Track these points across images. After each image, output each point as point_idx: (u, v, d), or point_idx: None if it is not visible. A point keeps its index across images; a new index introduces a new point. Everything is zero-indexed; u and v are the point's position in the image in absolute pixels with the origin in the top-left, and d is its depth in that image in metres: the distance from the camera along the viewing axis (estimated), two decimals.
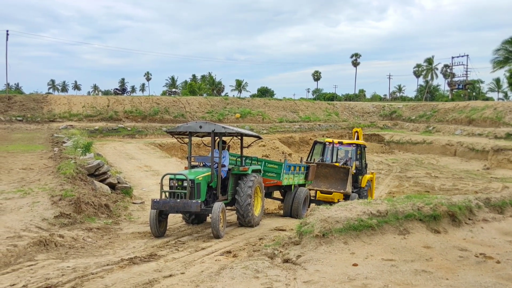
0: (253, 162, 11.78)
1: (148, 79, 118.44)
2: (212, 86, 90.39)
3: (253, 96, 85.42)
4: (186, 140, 10.52)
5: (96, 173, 13.15)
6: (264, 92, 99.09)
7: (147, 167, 20.12)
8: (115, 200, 11.98)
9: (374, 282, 4.94)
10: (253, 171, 10.61)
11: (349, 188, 14.60)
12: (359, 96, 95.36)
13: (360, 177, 16.09)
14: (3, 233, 7.62)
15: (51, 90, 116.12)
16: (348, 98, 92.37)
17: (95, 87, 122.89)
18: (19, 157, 18.26)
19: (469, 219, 7.33)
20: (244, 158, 11.51)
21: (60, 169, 12.87)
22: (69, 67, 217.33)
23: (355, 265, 5.43)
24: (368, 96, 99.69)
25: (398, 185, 23.64)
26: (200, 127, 9.60)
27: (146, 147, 28.59)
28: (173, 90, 78.96)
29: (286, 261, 5.95)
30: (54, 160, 16.38)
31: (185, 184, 8.88)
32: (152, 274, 6.06)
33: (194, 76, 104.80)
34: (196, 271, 6.20)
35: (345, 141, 17.50)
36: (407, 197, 8.03)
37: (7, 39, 50.79)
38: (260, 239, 8.87)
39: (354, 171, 15.83)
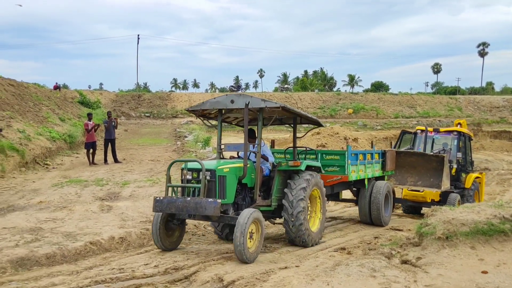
0: (308, 156, 9.28)
1: (261, 76, 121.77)
2: (323, 81, 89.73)
3: (366, 91, 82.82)
4: (215, 122, 8.03)
5: None
6: (378, 87, 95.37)
7: None
8: None
9: None
10: (308, 167, 7.83)
11: (445, 182, 11.00)
12: (487, 89, 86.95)
13: (463, 174, 12.53)
14: (137, 217, 8.49)
15: (173, 88, 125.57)
16: (473, 91, 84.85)
17: (212, 85, 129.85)
18: (148, 149, 20.16)
19: None
20: (297, 151, 8.78)
21: None
22: (189, 66, 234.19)
23: (484, 272, 4.99)
24: (497, 89, 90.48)
25: None
26: (232, 101, 7.11)
27: None
28: (285, 86, 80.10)
29: (404, 262, 5.70)
30: (177, 153, 17.77)
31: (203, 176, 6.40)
32: (268, 265, 6.25)
33: (305, 72, 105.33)
34: (311, 265, 6.24)
35: (443, 128, 13.68)
36: None
37: (138, 43, 56.14)
38: (375, 237, 8.61)
39: (455, 166, 12.34)
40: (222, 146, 7.58)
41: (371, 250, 6.93)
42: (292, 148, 8.71)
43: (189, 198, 6.31)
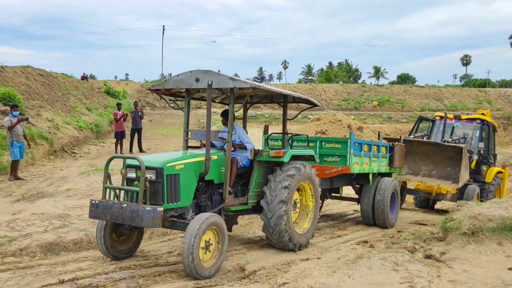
0: (298, 144, 8.22)
1: (285, 67, 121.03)
2: (348, 73, 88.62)
3: (392, 83, 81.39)
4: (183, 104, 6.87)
5: None
6: (404, 79, 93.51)
7: None
8: None
9: None
10: (295, 157, 6.62)
11: (464, 175, 9.81)
12: None
13: (484, 167, 11.41)
14: None
15: None
16: (504, 84, 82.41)
17: (236, 76, 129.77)
18: (171, 139, 20.41)
19: None
20: (287, 137, 7.34)
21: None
22: (213, 57, 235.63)
23: (511, 269, 4.88)
24: None
25: None
26: (197, 80, 5.89)
27: None
28: (309, 78, 79.53)
29: (428, 257, 5.63)
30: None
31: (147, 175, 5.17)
32: (290, 256, 6.27)
33: (330, 63, 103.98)
34: (332, 257, 6.24)
35: (465, 116, 12.27)
36: None
37: (163, 34, 56.67)
38: (398, 231, 8.53)
39: (476, 158, 11.18)
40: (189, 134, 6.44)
41: (394, 244, 6.87)
42: (276, 134, 7.90)
43: (125, 204, 5.03)
